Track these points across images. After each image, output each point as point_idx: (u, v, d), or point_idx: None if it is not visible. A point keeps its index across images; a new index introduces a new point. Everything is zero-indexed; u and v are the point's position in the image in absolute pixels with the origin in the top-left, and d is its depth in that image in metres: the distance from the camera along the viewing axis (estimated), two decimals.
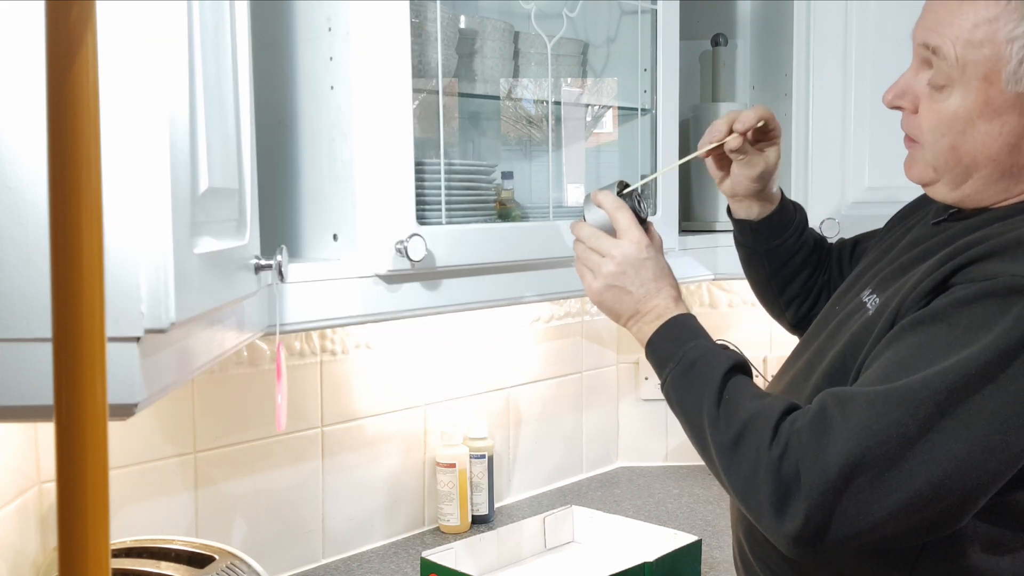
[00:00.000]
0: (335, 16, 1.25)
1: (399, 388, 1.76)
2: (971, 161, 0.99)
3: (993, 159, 0.98)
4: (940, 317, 0.90)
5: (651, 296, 1.12)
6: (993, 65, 0.95)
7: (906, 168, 1.07)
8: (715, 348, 1.05)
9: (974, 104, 0.96)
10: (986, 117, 0.96)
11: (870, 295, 1.05)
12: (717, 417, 0.97)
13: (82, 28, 0.41)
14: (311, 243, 1.33)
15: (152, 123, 0.66)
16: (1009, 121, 0.96)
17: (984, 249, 0.92)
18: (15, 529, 1.21)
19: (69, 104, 0.42)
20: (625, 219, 1.15)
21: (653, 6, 1.71)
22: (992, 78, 0.95)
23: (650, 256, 1.13)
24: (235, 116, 0.95)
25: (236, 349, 1.01)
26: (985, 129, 0.97)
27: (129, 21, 0.65)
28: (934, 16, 0.99)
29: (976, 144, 0.98)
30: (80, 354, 0.43)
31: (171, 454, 1.45)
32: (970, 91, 0.96)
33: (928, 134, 1.01)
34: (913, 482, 0.85)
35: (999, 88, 0.95)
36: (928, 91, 1.00)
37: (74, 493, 0.43)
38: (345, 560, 1.67)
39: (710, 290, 2.22)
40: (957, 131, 0.98)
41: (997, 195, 1.01)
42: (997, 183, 1.00)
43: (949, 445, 0.85)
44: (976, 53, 0.95)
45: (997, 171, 0.98)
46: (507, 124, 1.77)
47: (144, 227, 0.66)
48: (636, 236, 1.14)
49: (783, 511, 0.88)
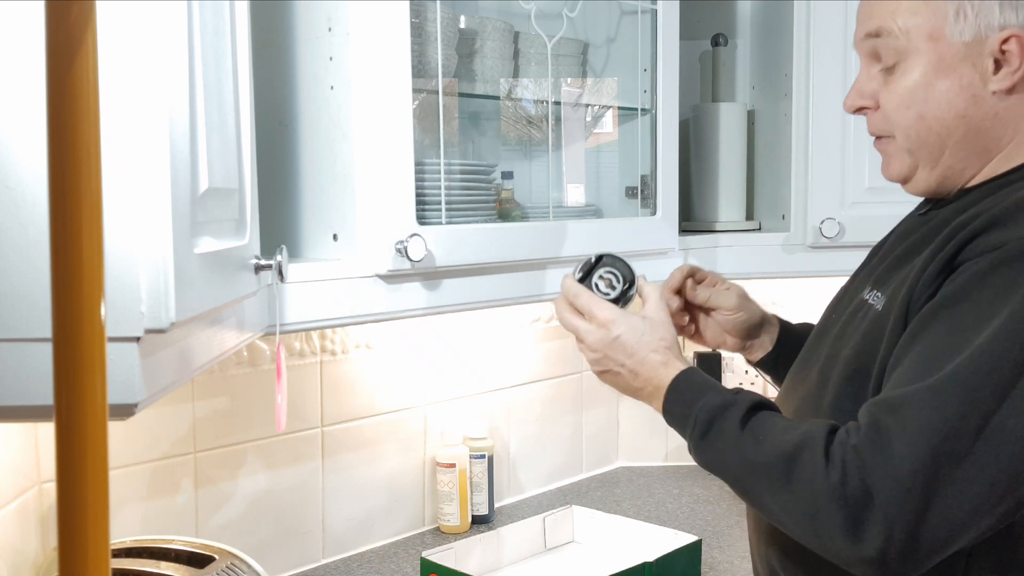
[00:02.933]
0: (335, 16, 1.25)
1: (399, 388, 1.76)
2: (941, 127, 1.00)
3: (961, 115, 0.99)
4: (961, 296, 0.89)
5: (638, 371, 1.09)
6: (934, 23, 0.98)
7: (884, 170, 1.08)
8: (725, 400, 1.01)
9: (928, 66, 0.99)
10: (943, 74, 0.98)
11: (871, 292, 1.05)
12: (756, 463, 0.94)
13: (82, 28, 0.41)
14: (311, 243, 1.33)
15: (152, 123, 0.66)
16: (965, 73, 0.98)
17: (984, 221, 0.91)
18: (15, 529, 1.21)
19: (69, 104, 0.42)
20: (585, 301, 1.12)
21: (653, 6, 1.71)
22: (936, 35, 0.98)
23: (619, 332, 1.09)
24: (235, 116, 0.94)
25: (236, 349, 1.01)
26: (945, 87, 0.98)
27: (129, 21, 0.65)
28: (867, 7, 1.04)
29: (941, 105, 0.99)
30: (80, 354, 0.43)
31: (171, 454, 1.45)
32: (920, 55, 0.99)
33: (894, 114, 1.02)
34: (987, 472, 0.83)
35: (947, 43, 0.98)
36: (882, 79, 1.03)
37: (74, 493, 0.43)
38: (345, 560, 1.67)
39: None
40: (920, 99, 1.00)
41: (977, 163, 1.01)
42: (972, 146, 1.00)
43: (1013, 424, 0.83)
44: (915, 18, 0.99)
45: (969, 131, 0.99)
46: (507, 124, 1.78)
47: (144, 227, 0.66)
48: (601, 317, 1.11)
49: (860, 536, 0.85)
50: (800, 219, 1.88)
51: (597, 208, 1.81)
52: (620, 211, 1.81)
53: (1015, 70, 0.96)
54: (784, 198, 1.92)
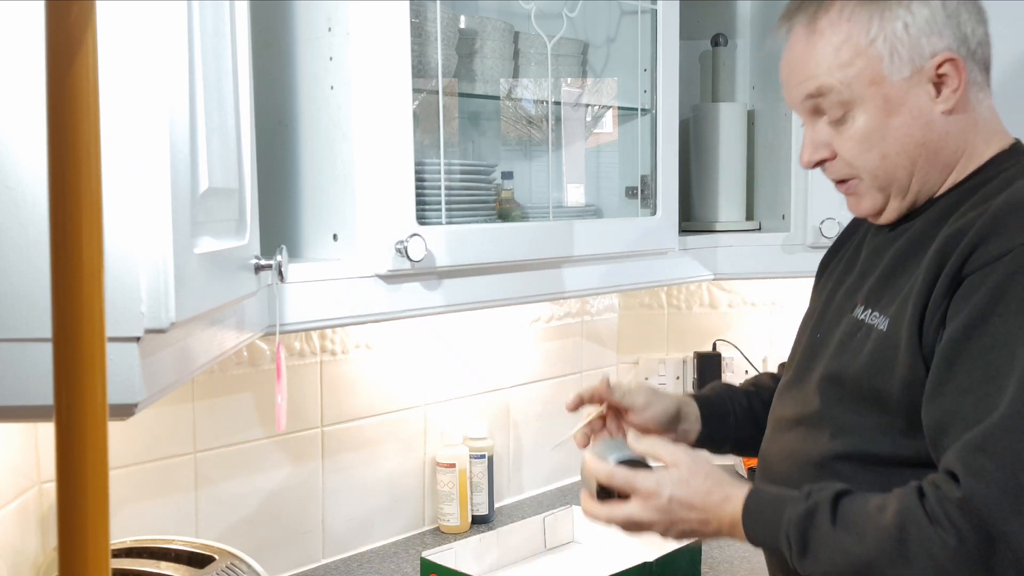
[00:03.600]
0: (335, 16, 1.25)
1: (399, 388, 1.76)
2: (905, 160, 1.03)
3: (922, 144, 1.02)
4: (987, 313, 0.91)
5: (708, 519, 1.05)
6: (872, 69, 1.01)
7: (853, 208, 1.10)
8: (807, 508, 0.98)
9: (877, 109, 1.02)
10: (893, 112, 1.02)
11: (865, 311, 1.05)
12: (868, 559, 0.93)
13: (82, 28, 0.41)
14: (311, 243, 1.33)
15: (152, 123, 0.66)
16: (913, 104, 1.01)
17: (978, 232, 0.94)
18: (15, 529, 1.21)
19: (69, 104, 0.42)
20: (623, 478, 1.08)
21: (653, 6, 1.71)
22: (877, 79, 1.01)
23: (671, 492, 1.05)
24: (235, 116, 0.94)
25: (236, 349, 1.01)
26: (899, 122, 1.02)
27: (129, 21, 0.65)
28: (798, 70, 1.06)
29: (900, 140, 1.02)
30: (80, 354, 0.43)
31: (171, 454, 1.45)
32: (867, 101, 1.02)
33: (857, 160, 1.05)
34: None
35: (889, 83, 1.01)
36: (833, 129, 1.05)
37: (74, 493, 0.43)
38: (345, 560, 1.67)
39: (710, 290, 2.22)
40: (878, 139, 1.03)
41: (940, 179, 1.05)
42: (935, 166, 1.04)
43: None
44: (852, 70, 1.02)
45: (930, 154, 1.03)
46: (507, 124, 1.77)
47: (144, 227, 0.65)
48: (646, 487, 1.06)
49: None
50: (800, 219, 1.88)
51: (597, 208, 1.81)
52: (620, 211, 1.81)
53: (955, 89, 1.01)
54: (784, 198, 1.92)
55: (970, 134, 1.04)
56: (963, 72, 1.00)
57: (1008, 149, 1.05)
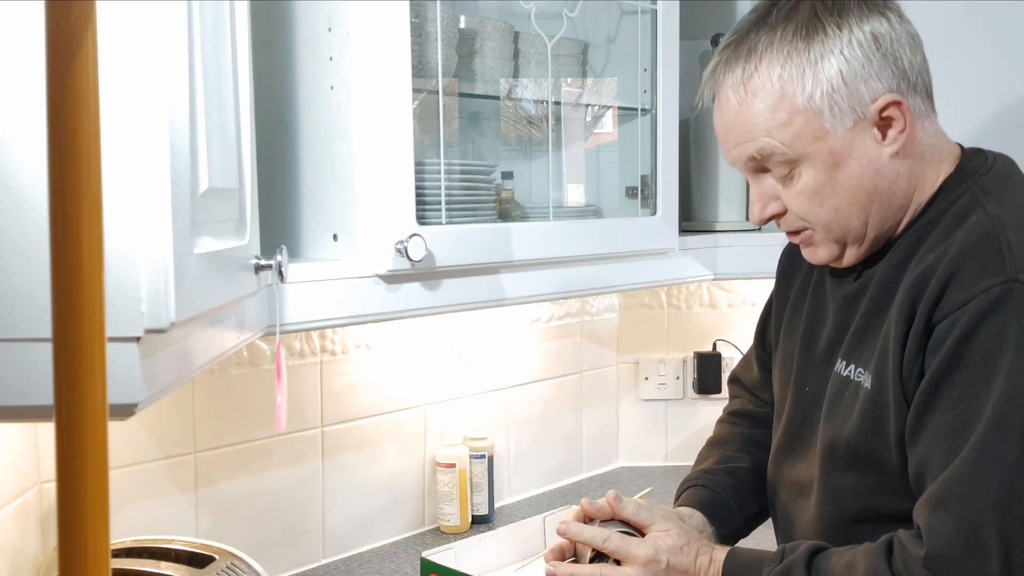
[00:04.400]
0: (335, 16, 1.25)
1: (399, 388, 1.76)
2: (858, 209, 1.00)
3: (874, 192, 0.99)
4: (954, 363, 0.91)
5: None
6: (814, 125, 0.97)
7: (810, 257, 1.07)
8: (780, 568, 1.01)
9: (824, 163, 0.98)
10: (841, 164, 0.98)
11: (848, 367, 1.05)
12: None
13: (82, 28, 0.41)
14: (311, 243, 1.33)
15: (152, 123, 0.66)
16: (860, 153, 0.98)
17: (940, 279, 0.93)
18: (15, 529, 1.21)
19: (69, 104, 0.42)
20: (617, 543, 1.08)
21: (653, 6, 1.71)
22: (820, 134, 0.97)
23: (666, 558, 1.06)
24: (235, 116, 0.94)
25: (236, 349, 1.01)
26: (848, 174, 0.98)
27: (129, 21, 0.65)
28: (735, 132, 1.02)
29: (851, 191, 0.99)
30: (80, 354, 0.43)
31: (171, 454, 1.45)
32: (813, 158, 0.98)
33: (810, 215, 1.02)
34: None
35: (833, 136, 0.97)
36: (780, 186, 1.02)
37: (74, 493, 0.43)
38: (345, 560, 1.67)
39: (710, 290, 2.22)
40: (829, 193, 0.99)
41: (898, 216, 1.02)
42: (889, 210, 1.01)
43: None
44: (791, 129, 0.97)
45: (882, 199, 1.00)
46: (507, 124, 1.77)
47: (144, 227, 0.65)
48: (643, 553, 1.07)
49: None
50: None
51: (597, 208, 1.81)
52: (620, 211, 1.81)
53: (901, 130, 0.97)
54: None
55: (919, 168, 1.01)
56: (908, 112, 0.97)
57: (954, 172, 1.02)
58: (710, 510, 1.22)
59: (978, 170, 1.02)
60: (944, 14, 1.68)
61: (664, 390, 2.23)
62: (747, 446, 1.30)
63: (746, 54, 0.99)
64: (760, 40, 0.98)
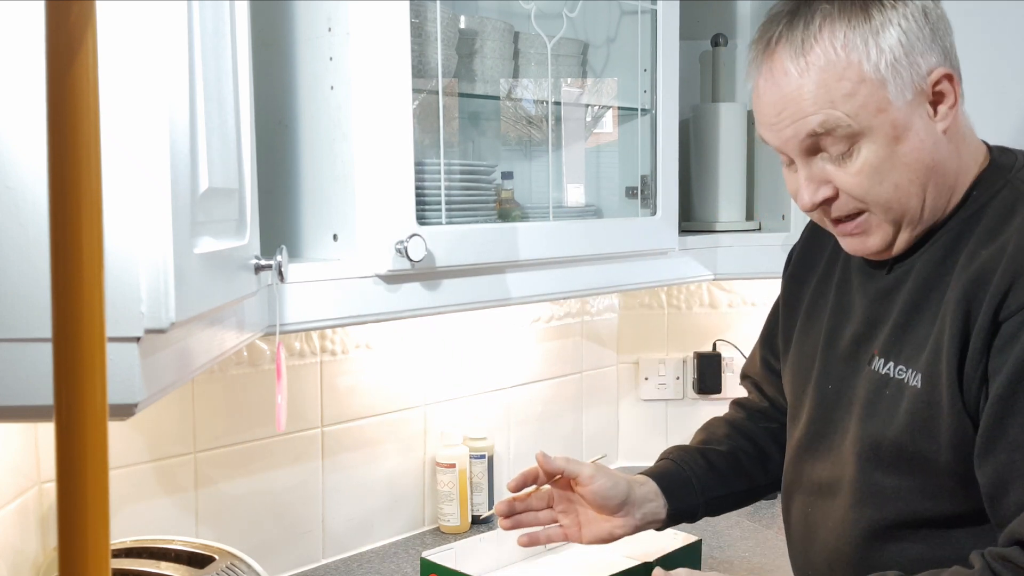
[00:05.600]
0: (335, 16, 1.25)
1: (399, 388, 1.76)
2: (918, 186, 0.98)
3: (930, 166, 0.97)
4: None
5: None
6: (878, 95, 0.94)
7: (857, 247, 1.04)
8: None
9: (886, 137, 0.95)
10: (902, 138, 0.96)
11: (887, 364, 1.02)
12: None
13: (82, 28, 0.41)
14: (311, 243, 1.33)
15: (152, 123, 0.66)
16: (919, 127, 0.96)
17: (1004, 276, 0.91)
18: (15, 529, 1.21)
19: (69, 104, 0.42)
20: None
21: (653, 6, 1.71)
22: (883, 105, 0.95)
23: None
24: (235, 116, 0.94)
25: (236, 349, 1.01)
26: (909, 148, 0.96)
27: (129, 21, 0.65)
28: (792, 107, 0.97)
29: (912, 166, 0.96)
30: (80, 354, 0.43)
31: (171, 454, 1.45)
32: (875, 131, 0.95)
33: (868, 194, 0.98)
34: None
35: (895, 108, 0.95)
36: (835, 167, 0.98)
37: (74, 493, 0.43)
38: (345, 560, 1.67)
39: (710, 290, 2.22)
40: (889, 169, 0.96)
41: (946, 198, 1.00)
42: (942, 189, 0.99)
43: None
44: (857, 100, 0.94)
45: (938, 176, 0.98)
46: (507, 124, 1.77)
47: (144, 227, 0.65)
48: None
49: None
50: (800, 219, 1.87)
51: (597, 208, 1.81)
52: (620, 211, 1.81)
53: (952, 105, 0.96)
54: (784, 198, 1.92)
55: (963, 149, 1.00)
56: (958, 87, 0.96)
57: (990, 166, 1.02)
58: (666, 483, 1.23)
59: (1013, 165, 1.01)
60: None
61: (664, 390, 2.23)
62: (732, 433, 1.31)
63: (804, 24, 0.95)
64: (818, 10, 0.95)
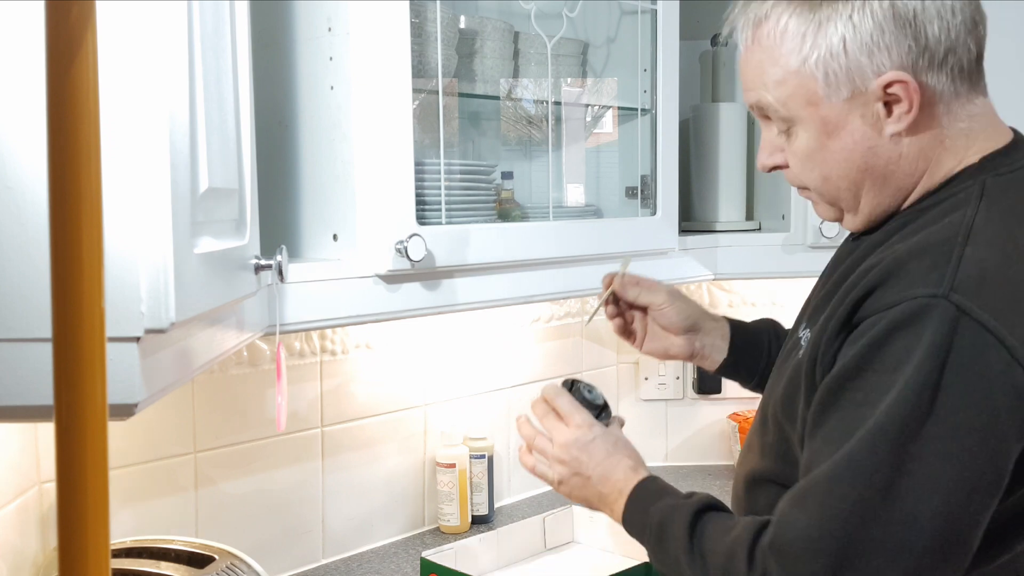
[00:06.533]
0: (335, 16, 1.25)
1: (399, 388, 1.76)
2: (847, 182, 0.97)
3: (863, 169, 0.95)
4: (864, 365, 0.86)
5: (608, 474, 1.09)
6: (807, 90, 0.93)
7: (816, 213, 1.07)
8: (678, 503, 1.02)
9: (816, 130, 0.95)
10: (832, 134, 0.94)
11: (804, 329, 1.02)
12: (696, 572, 0.95)
13: (82, 28, 0.41)
14: (311, 243, 1.33)
15: (152, 123, 0.66)
16: (855, 128, 0.93)
17: (877, 274, 0.89)
18: (15, 529, 1.21)
19: (69, 104, 0.42)
20: (565, 404, 1.14)
21: (653, 6, 1.71)
22: (813, 100, 0.93)
23: (597, 435, 1.11)
24: (235, 116, 0.95)
25: (236, 349, 1.01)
26: (839, 146, 0.95)
27: (129, 21, 0.65)
28: (745, 77, 0.99)
29: (840, 163, 0.95)
30: (80, 354, 0.43)
31: (171, 454, 1.45)
32: (806, 122, 0.95)
33: (803, 176, 1.00)
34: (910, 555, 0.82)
35: (827, 104, 0.93)
36: (783, 141, 1.00)
37: (74, 493, 0.43)
38: (345, 560, 1.67)
39: (710, 290, 2.22)
40: (819, 160, 0.97)
41: (896, 197, 0.97)
42: (884, 190, 0.97)
43: (927, 504, 0.81)
44: (786, 88, 0.94)
45: (876, 179, 0.96)
46: (507, 124, 1.77)
47: (144, 227, 0.66)
48: (579, 419, 1.13)
49: None
50: (800, 219, 1.88)
51: (597, 208, 1.81)
52: (620, 211, 1.81)
53: (907, 110, 0.91)
54: (784, 198, 1.92)
55: (933, 152, 0.94)
56: (914, 94, 0.90)
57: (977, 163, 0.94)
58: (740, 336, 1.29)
59: (1001, 166, 0.94)
60: None
61: (664, 390, 2.23)
62: None
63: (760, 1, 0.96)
64: None
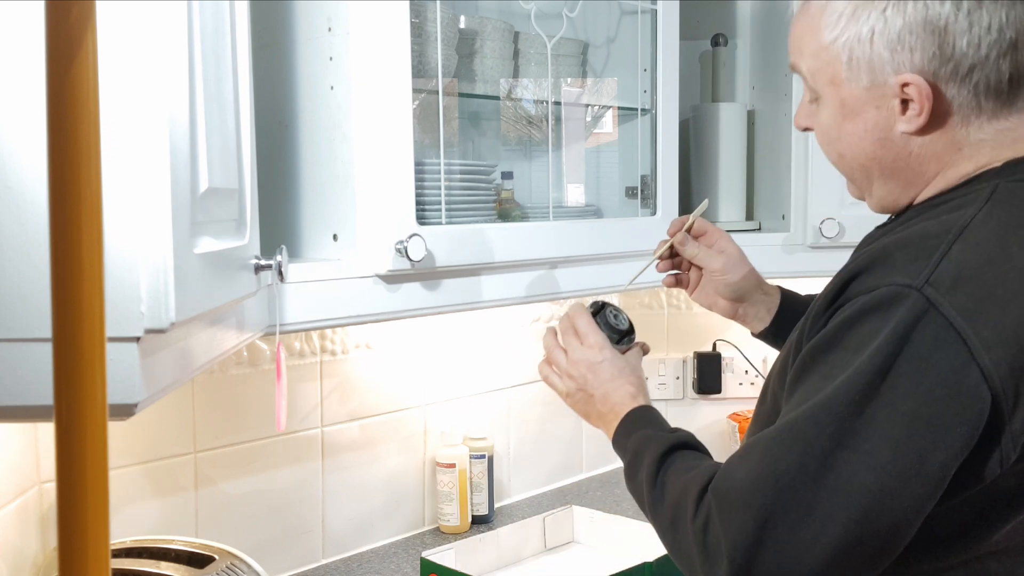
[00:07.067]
0: (335, 16, 1.25)
1: (399, 388, 1.76)
2: (859, 165, 0.98)
3: (873, 157, 0.97)
4: (834, 342, 0.87)
5: (609, 395, 1.14)
6: (832, 69, 0.95)
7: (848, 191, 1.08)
8: (657, 434, 1.04)
9: (835, 109, 0.97)
10: (848, 117, 0.96)
11: None
12: (654, 502, 0.97)
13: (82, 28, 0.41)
14: (311, 243, 1.33)
15: (152, 123, 0.66)
16: (869, 116, 0.95)
17: (865, 259, 0.89)
18: (15, 529, 1.21)
19: (69, 104, 0.42)
20: (583, 324, 1.18)
21: (653, 6, 1.71)
22: (836, 80, 0.96)
23: (606, 358, 1.15)
24: (235, 116, 0.95)
25: (236, 349, 1.01)
26: (851, 130, 0.97)
27: (129, 21, 0.65)
28: (790, 39, 1.02)
29: (853, 146, 0.97)
30: (80, 354, 0.43)
31: (171, 454, 1.45)
32: (828, 99, 0.97)
33: (824, 148, 1.02)
34: (835, 525, 0.82)
35: (847, 87, 0.95)
36: (813, 109, 1.02)
37: (74, 493, 0.43)
38: (345, 560, 1.67)
39: None
40: (835, 138, 0.99)
41: (907, 193, 0.98)
42: (894, 182, 0.98)
43: (860, 478, 0.82)
44: (817, 62, 0.97)
45: (885, 170, 0.97)
46: (507, 124, 1.77)
47: (144, 227, 0.66)
48: (592, 340, 1.17)
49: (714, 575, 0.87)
50: (800, 219, 1.88)
51: (597, 208, 1.81)
52: (620, 211, 1.81)
53: (918, 113, 0.92)
54: (784, 198, 1.92)
55: (948, 157, 0.94)
56: (927, 100, 0.90)
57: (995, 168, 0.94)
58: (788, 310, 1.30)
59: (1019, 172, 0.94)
60: None
61: (664, 390, 2.23)
62: None
63: None
64: None
